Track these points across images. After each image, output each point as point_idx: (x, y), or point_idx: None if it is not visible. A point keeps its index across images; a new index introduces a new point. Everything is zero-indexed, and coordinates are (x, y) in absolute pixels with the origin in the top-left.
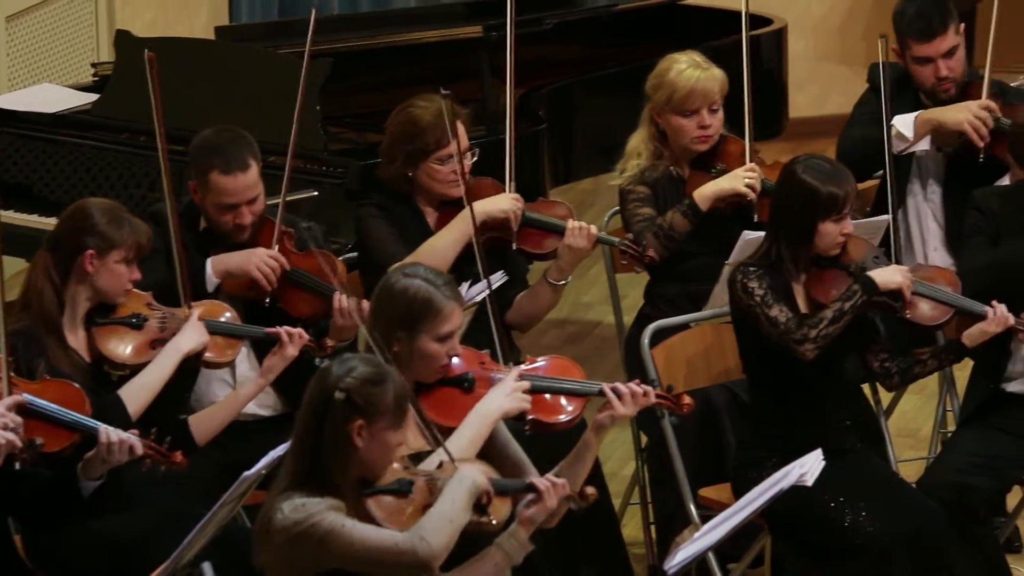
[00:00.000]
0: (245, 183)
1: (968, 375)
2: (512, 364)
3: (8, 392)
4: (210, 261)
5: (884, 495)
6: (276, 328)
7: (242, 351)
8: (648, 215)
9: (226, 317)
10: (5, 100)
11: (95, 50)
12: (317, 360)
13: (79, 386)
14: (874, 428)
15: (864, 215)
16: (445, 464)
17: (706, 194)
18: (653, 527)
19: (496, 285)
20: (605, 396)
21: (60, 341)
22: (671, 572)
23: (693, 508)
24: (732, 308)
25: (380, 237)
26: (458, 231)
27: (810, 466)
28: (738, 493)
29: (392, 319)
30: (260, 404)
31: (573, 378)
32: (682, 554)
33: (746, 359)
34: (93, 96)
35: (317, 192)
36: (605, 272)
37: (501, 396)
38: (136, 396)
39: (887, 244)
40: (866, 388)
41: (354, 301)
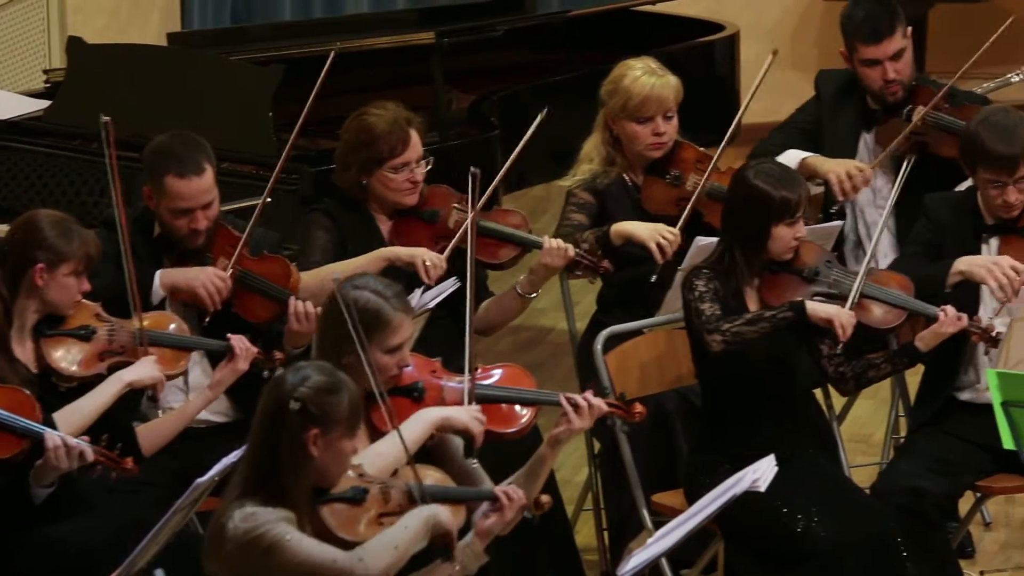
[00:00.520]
0: (200, 187)
1: (920, 380)
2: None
3: None
4: (159, 274)
5: (837, 501)
6: (229, 339)
7: (194, 357)
8: (577, 223)
9: (172, 328)
10: None
11: (46, 56)
12: (266, 373)
13: (29, 392)
14: (826, 434)
15: (816, 221)
16: (401, 471)
17: (620, 231)
18: (606, 533)
19: (448, 292)
20: (562, 407)
21: (6, 352)
22: None
23: (646, 514)
24: (684, 313)
25: (313, 244)
26: (363, 265)
27: (763, 472)
28: (691, 499)
29: (342, 332)
30: (213, 410)
31: (525, 387)
32: (635, 560)
33: (699, 364)
34: (45, 103)
35: (270, 198)
36: (558, 278)
37: (460, 410)
38: (69, 420)
39: (840, 249)
40: (818, 393)
41: (310, 305)
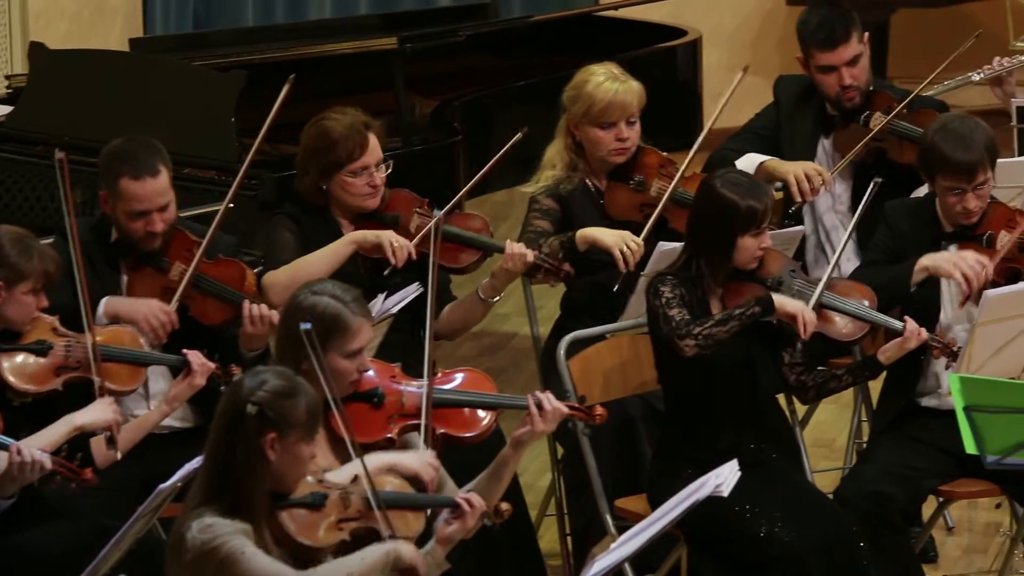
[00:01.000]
0: (155, 189)
1: (882, 386)
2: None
3: None
4: (104, 302)
5: (799, 505)
6: (185, 355)
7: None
8: (541, 229)
9: (129, 343)
10: None
11: (8, 62)
12: (223, 388)
13: None
14: (789, 438)
15: (778, 226)
16: (359, 477)
17: (586, 236)
18: (570, 538)
19: (411, 298)
20: (523, 411)
21: None
22: None
23: (609, 519)
24: (649, 319)
25: (280, 244)
26: (332, 252)
27: (726, 477)
28: (654, 504)
29: (301, 337)
30: (175, 416)
31: (486, 391)
32: (599, 565)
33: (662, 369)
34: (6, 108)
35: (232, 204)
36: (521, 283)
37: (412, 455)
38: None
39: (801, 256)
40: (781, 399)
41: (264, 308)
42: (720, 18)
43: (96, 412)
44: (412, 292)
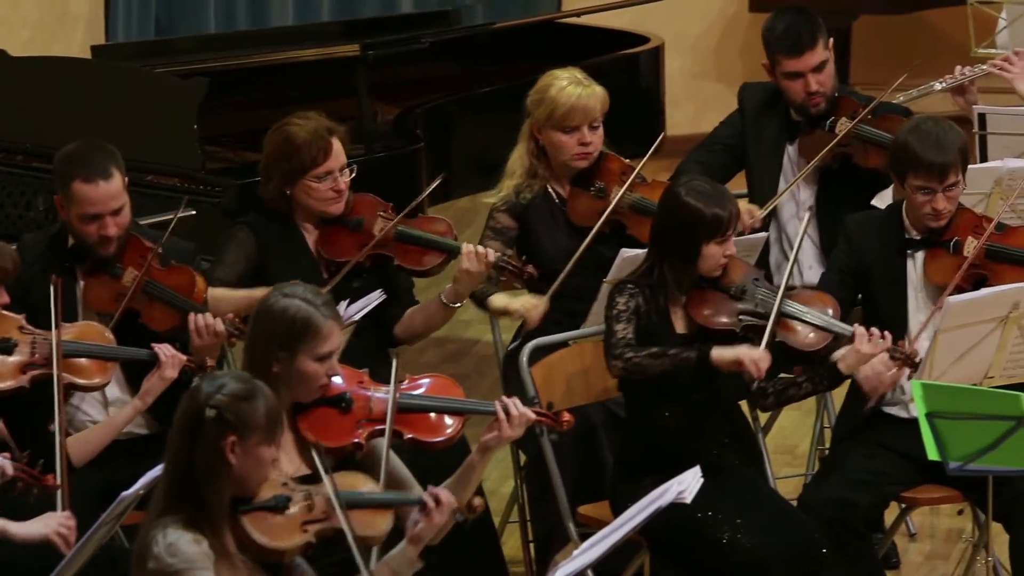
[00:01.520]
0: (108, 192)
1: (846, 393)
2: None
3: None
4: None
5: (762, 512)
6: (154, 348)
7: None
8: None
9: (96, 338)
10: None
11: None
12: (196, 379)
13: None
14: (752, 445)
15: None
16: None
17: (495, 305)
18: (532, 545)
19: (374, 304)
20: (491, 416)
21: None
22: None
23: (572, 526)
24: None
25: (224, 260)
26: (245, 300)
27: (688, 483)
28: (616, 511)
29: (272, 338)
30: (136, 423)
31: (454, 397)
32: (561, 572)
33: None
34: None
35: (194, 211)
36: None
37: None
38: None
39: (765, 263)
40: (744, 405)
41: (209, 317)
42: (683, 25)
43: (36, 527)
44: (374, 299)
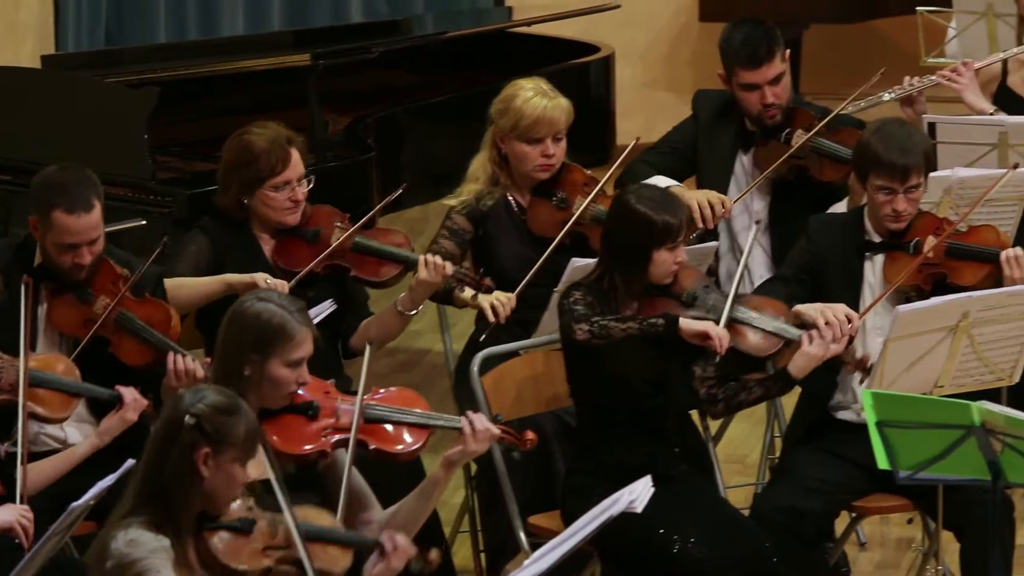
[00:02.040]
0: (88, 224)
1: (795, 401)
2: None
3: None
4: None
5: (713, 521)
6: (118, 390)
7: None
8: (445, 250)
9: (61, 370)
10: None
11: None
12: (151, 427)
13: None
14: (702, 454)
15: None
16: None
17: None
18: (483, 555)
19: (326, 314)
20: (460, 430)
21: None
22: None
23: (523, 536)
24: (561, 334)
25: (181, 255)
26: (204, 286)
27: (639, 493)
28: (568, 520)
29: (244, 342)
30: (86, 434)
31: (419, 409)
32: None
33: (574, 385)
34: None
35: (145, 221)
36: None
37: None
38: None
39: (716, 272)
40: (695, 414)
41: (190, 361)
42: (633, 34)
43: (3, 514)
44: (327, 308)
